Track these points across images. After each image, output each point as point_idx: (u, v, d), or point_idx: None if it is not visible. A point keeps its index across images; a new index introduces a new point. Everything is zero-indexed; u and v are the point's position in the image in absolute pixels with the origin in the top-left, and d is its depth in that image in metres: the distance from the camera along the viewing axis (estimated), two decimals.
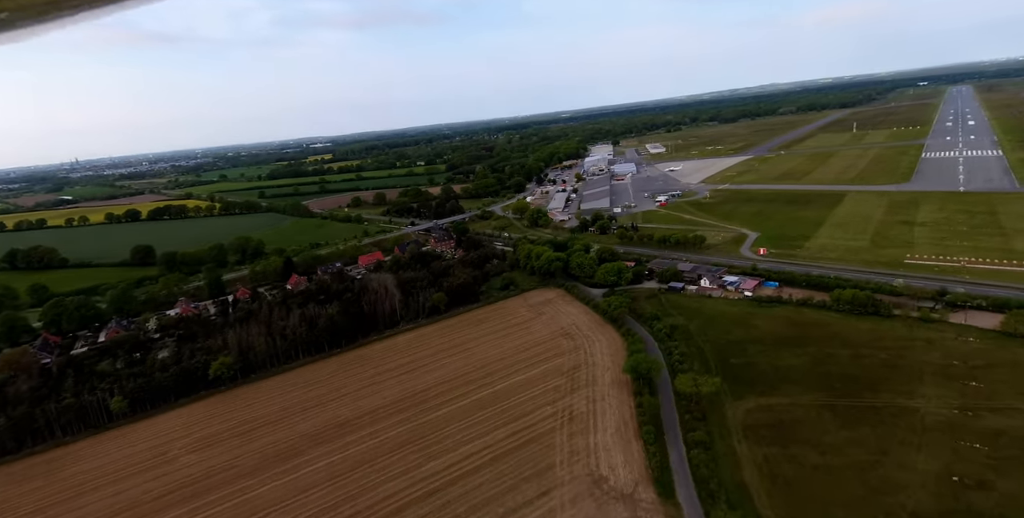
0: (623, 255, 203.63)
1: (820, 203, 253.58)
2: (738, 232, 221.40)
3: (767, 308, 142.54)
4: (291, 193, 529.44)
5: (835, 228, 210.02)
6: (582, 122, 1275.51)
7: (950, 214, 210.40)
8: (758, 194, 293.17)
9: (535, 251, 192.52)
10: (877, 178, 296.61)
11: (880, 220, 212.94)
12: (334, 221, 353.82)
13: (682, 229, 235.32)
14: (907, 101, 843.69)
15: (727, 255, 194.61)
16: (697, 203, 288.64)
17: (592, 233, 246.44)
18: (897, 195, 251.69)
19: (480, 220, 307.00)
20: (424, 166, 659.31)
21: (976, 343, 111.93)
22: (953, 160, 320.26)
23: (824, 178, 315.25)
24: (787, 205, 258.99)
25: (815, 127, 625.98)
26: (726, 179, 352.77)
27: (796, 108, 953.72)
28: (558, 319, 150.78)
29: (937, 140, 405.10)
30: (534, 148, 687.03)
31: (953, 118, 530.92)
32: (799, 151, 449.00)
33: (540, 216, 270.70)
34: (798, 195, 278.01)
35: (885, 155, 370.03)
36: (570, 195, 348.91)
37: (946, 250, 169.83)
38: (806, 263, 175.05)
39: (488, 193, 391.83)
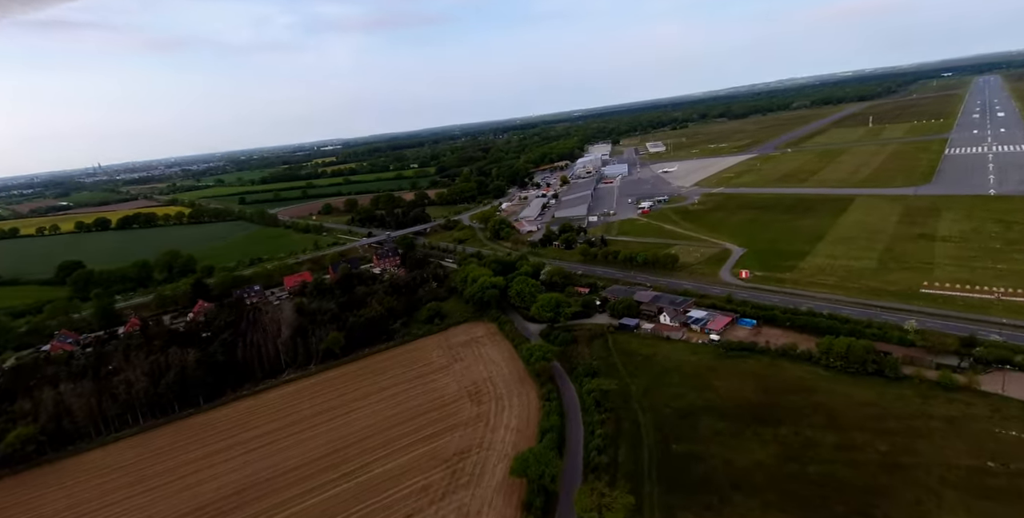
0: (579, 278, 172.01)
1: (823, 210, 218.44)
2: (722, 247, 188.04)
3: (736, 359, 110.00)
4: (271, 199, 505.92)
5: (837, 243, 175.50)
6: (589, 121, 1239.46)
7: (979, 225, 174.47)
8: (754, 199, 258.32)
9: (472, 274, 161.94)
10: (892, 179, 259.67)
11: (892, 233, 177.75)
12: (295, 231, 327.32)
13: (658, 244, 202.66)
14: (930, 93, 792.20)
15: (702, 279, 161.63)
16: (684, 210, 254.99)
17: (555, 248, 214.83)
18: (914, 200, 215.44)
19: (443, 231, 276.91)
20: (416, 169, 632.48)
21: (1019, 429, 78.65)
22: (981, 157, 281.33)
23: (832, 180, 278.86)
24: (785, 213, 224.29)
25: (828, 122, 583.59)
26: (722, 181, 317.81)
27: (810, 102, 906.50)
28: (475, 368, 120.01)
29: (962, 134, 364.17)
30: (532, 148, 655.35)
31: (980, 110, 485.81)
32: (808, 148, 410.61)
33: (502, 227, 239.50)
34: (799, 200, 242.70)
35: (903, 152, 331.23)
36: (549, 201, 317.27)
37: (975, 275, 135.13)
38: (796, 292, 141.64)
39: (465, 198, 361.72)
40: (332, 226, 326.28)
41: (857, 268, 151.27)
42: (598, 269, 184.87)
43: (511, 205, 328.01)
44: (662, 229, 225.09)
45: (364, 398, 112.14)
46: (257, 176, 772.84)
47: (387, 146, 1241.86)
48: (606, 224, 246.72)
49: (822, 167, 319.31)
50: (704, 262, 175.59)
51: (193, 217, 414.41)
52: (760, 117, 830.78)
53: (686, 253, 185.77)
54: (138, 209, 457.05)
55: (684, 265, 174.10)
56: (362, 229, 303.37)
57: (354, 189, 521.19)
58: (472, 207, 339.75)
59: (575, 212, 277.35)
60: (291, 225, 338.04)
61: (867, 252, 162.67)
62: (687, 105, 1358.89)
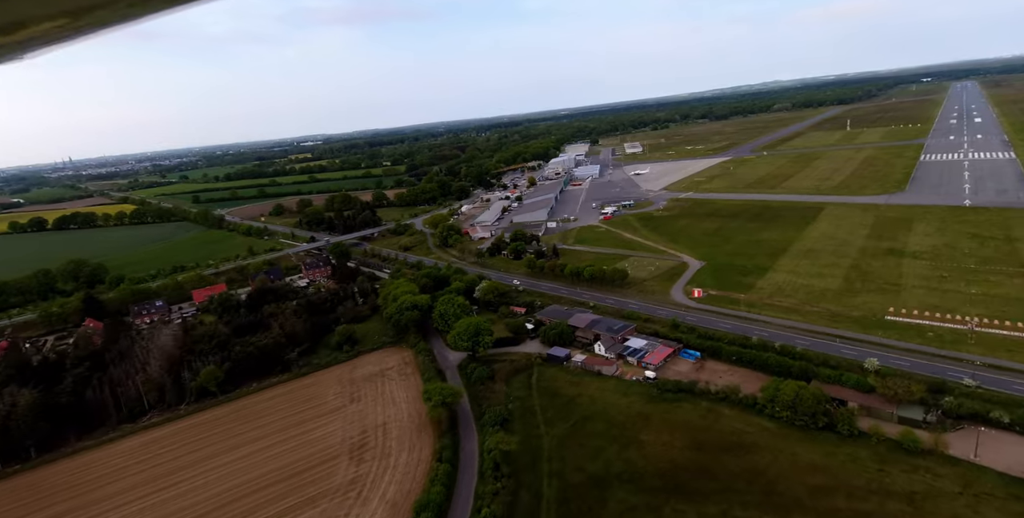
0: (519, 295, 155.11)
1: (790, 220, 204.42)
2: (678, 260, 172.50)
3: (671, 402, 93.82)
4: (228, 197, 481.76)
5: (801, 257, 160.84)
6: (573, 120, 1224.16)
7: (952, 239, 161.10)
8: (722, 206, 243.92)
9: (395, 291, 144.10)
10: (865, 186, 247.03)
11: (860, 247, 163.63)
12: (238, 234, 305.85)
13: (613, 255, 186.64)
14: (908, 97, 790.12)
15: (651, 298, 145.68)
16: (648, 217, 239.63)
17: (504, 258, 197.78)
18: (887, 210, 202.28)
19: (391, 236, 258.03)
20: (387, 167, 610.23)
21: (995, 513, 63.16)
22: (957, 164, 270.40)
23: (803, 186, 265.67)
24: (751, 222, 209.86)
25: (807, 125, 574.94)
26: (692, 185, 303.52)
27: (791, 105, 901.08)
28: (372, 411, 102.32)
29: (939, 140, 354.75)
30: (508, 147, 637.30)
31: (957, 115, 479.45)
32: (784, 151, 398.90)
33: (450, 234, 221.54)
34: (767, 208, 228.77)
35: (878, 157, 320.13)
36: (511, 204, 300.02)
37: (946, 300, 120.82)
38: (750, 316, 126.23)
39: (425, 200, 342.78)
40: (278, 229, 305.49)
41: (819, 288, 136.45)
42: (544, 284, 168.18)
43: (472, 208, 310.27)
44: (621, 238, 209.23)
45: (229, 451, 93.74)
46: (222, 172, 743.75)
47: (366, 142, 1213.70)
48: (564, 231, 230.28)
49: (795, 172, 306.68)
50: (657, 278, 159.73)
51: (136, 217, 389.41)
52: (741, 119, 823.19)
53: (639, 267, 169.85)
54: (77, 209, 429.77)
55: (635, 281, 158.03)
56: (308, 233, 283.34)
57: (317, 188, 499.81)
58: (432, 209, 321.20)
59: (534, 217, 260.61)
60: (234, 227, 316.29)
61: (831, 269, 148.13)
62: (671, 106, 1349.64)
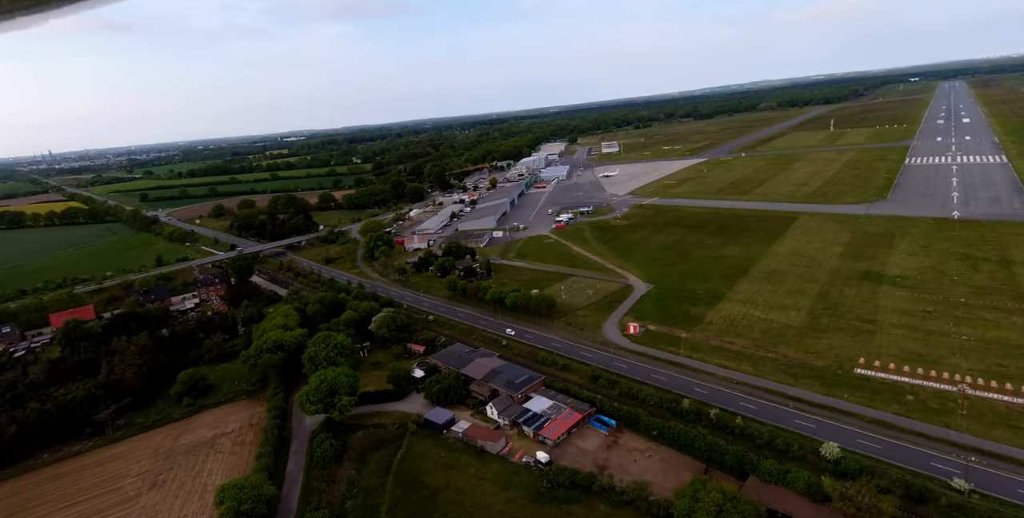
0: (425, 329, 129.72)
1: (758, 232, 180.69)
2: (623, 282, 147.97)
3: (560, 507, 68.88)
4: (177, 196, 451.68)
5: (763, 281, 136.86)
6: (556, 118, 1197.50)
7: (939, 260, 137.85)
8: (687, 214, 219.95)
9: (266, 324, 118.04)
10: (844, 193, 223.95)
11: (832, 269, 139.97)
12: (163, 239, 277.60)
13: (552, 274, 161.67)
14: (895, 97, 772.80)
15: (579, 334, 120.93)
16: (604, 226, 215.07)
17: (431, 275, 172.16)
18: (865, 222, 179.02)
19: (321, 245, 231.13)
20: (353, 165, 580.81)
21: None
22: (944, 168, 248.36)
23: (778, 192, 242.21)
24: (714, 234, 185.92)
25: (790, 125, 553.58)
26: (660, 190, 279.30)
27: (777, 104, 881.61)
28: (168, 508, 76.52)
29: (925, 141, 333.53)
30: (482, 145, 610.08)
31: (945, 115, 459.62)
32: (763, 153, 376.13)
33: (378, 245, 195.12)
34: (735, 218, 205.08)
35: (860, 160, 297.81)
36: (463, 209, 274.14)
37: (930, 346, 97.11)
38: (690, 364, 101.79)
39: (375, 202, 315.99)
40: (207, 233, 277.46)
41: (778, 325, 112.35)
42: (463, 310, 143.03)
43: (421, 212, 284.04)
44: (567, 252, 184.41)
45: None
46: (188, 168, 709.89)
47: (346, 139, 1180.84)
48: (507, 243, 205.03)
49: (771, 176, 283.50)
50: (594, 305, 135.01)
51: (67, 218, 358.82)
52: (726, 118, 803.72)
53: (576, 291, 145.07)
54: (8, 207, 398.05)
55: (566, 310, 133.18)
56: (236, 239, 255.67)
57: (276, 186, 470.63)
58: (380, 213, 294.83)
59: (481, 224, 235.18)
60: (159, 232, 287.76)
61: (796, 298, 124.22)
62: (658, 104, 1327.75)
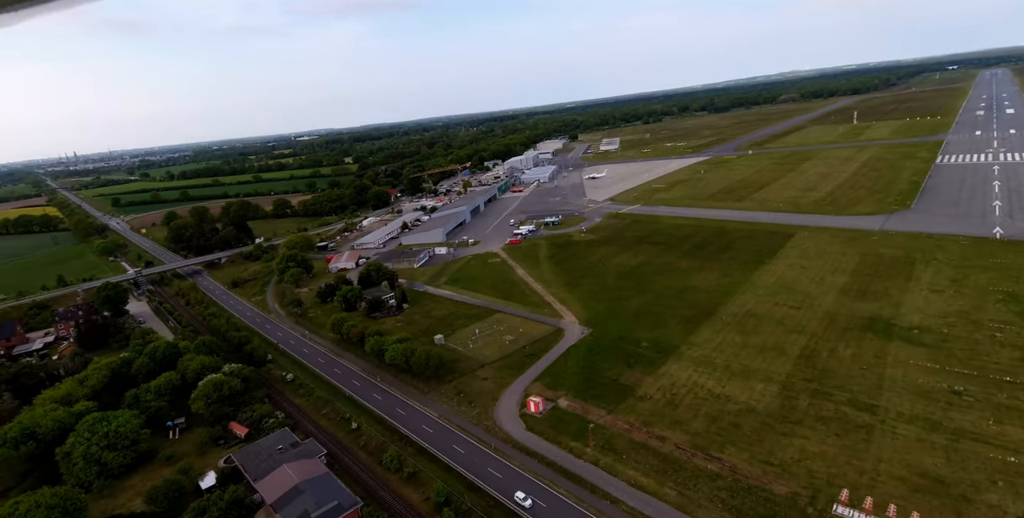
0: (281, 390, 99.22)
1: (742, 254, 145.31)
2: (555, 324, 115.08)
3: None
4: (149, 200, 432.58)
5: (732, 329, 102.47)
6: (566, 114, 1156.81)
7: (976, 302, 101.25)
8: (663, 227, 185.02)
9: (50, 393, 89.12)
10: (858, 201, 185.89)
11: (827, 312, 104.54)
12: (95, 253, 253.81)
13: (475, 309, 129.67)
14: (930, 86, 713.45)
15: (463, 412, 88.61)
16: (565, 241, 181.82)
17: (335, 305, 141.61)
18: (880, 242, 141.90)
19: (244, 262, 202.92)
20: (338, 166, 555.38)
21: None
22: (983, 169, 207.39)
23: (778, 199, 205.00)
24: (689, 255, 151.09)
25: (809, 118, 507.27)
26: (645, 195, 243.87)
27: (800, 95, 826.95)
28: None
29: (961, 136, 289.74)
30: (475, 143, 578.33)
31: (986, 106, 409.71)
32: (773, 150, 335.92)
33: (289, 266, 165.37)
34: (720, 232, 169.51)
35: (883, 158, 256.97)
36: (420, 218, 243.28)
37: (959, 466, 62.12)
38: (594, 471, 68.87)
39: (332, 209, 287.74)
40: (147, 245, 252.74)
41: (735, 407, 78.45)
42: (343, 362, 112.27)
43: (375, 221, 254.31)
44: (508, 277, 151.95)
45: None
46: (179, 171, 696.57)
47: (350, 137, 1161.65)
48: (445, 263, 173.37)
49: (776, 178, 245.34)
50: (504, 361, 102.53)
51: (21, 225, 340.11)
52: (743, 111, 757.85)
53: (492, 336, 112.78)
54: None
55: (466, 366, 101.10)
56: (167, 252, 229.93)
57: (254, 189, 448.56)
58: (334, 221, 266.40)
59: (427, 238, 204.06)
60: (94, 244, 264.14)
61: (770, 359, 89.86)
62: (679, 98, 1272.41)
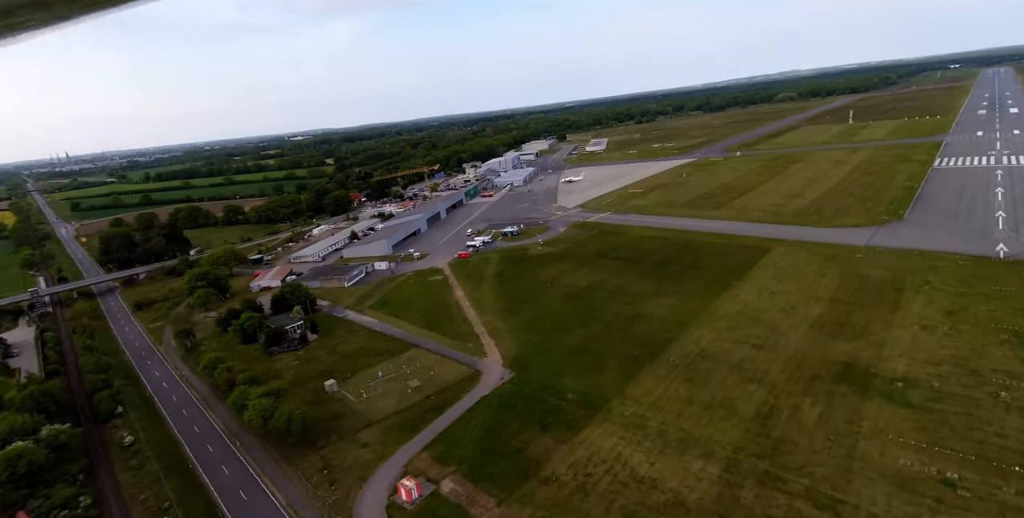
0: (115, 460, 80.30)
1: (708, 273, 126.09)
2: (473, 366, 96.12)
3: None
4: (109, 205, 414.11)
5: (677, 376, 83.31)
6: (564, 113, 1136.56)
7: (974, 342, 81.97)
8: (629, 240, 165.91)
9: None
10: (845, 210, 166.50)
11: (793, 354, 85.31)
12: (17, 265, 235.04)
13: (394, 341, 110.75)
14: (931, 85, 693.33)
15: (321, 497, 69.85)
16: (518, 256, 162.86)
17: (234, 337, 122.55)
18: (866, 260, 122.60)
19: (166, 278, 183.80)
20: (314, 168, 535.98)
21: None
22: (985, 174, 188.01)
23: (759, 206, 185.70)
24: (648, 274, 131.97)
25: (804, 117, 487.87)
26: (620, 201, 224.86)
27: (797, 94, 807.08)
28: None
29: (962, 137, 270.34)
30: (472, 143, 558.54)
31: (988, 105, 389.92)
32: (762, 151, 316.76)
33: (198, 285, 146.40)
34: (688, 247, 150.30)
35: (877, 161, 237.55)
36: (372, 228, 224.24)
37: None
38: None
39: (285, 216, 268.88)
40: (79, 255, 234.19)
41: (663, 499, 59.40)
42: (209, 417, 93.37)
43: (325, 230, 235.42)
44: (443, 300, 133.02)
45: None
46: (156, 173, 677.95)
47: (341, 137, 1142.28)
48: (380, 281, 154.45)
49: (760, 183, 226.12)
50: (397, 417, 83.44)
51: None
52: (739, 110, 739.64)
53: (396, 381, 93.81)
54: None
55: (350, 425, 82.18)
56: (93, 265, 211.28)
57: (215, 193, 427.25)
58: (284, 229, 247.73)
59: (371, 251, 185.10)
60: None
61: (715, 422, 70.76)
62: (677, 97, 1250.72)
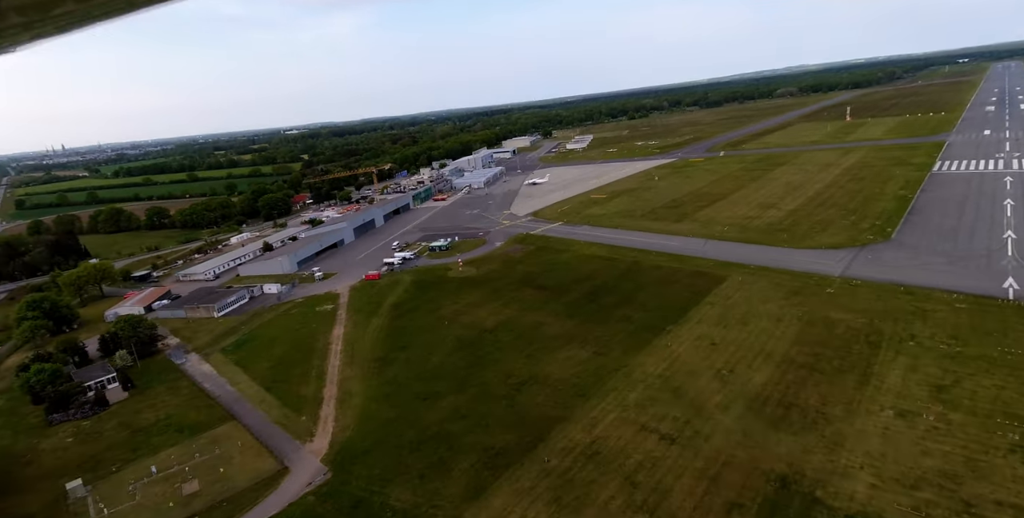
0: None
1: (644, 311, 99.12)
2: (279, 464, 70.06)
3: None
4: (56, 203, 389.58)
5: (543, 496, 56.95)
6: (557, 108, 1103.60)
7: (971, 455, 54.93)
8: (566, 259, 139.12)
9: None
10: (823, 226, 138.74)
11: (715, 456, 58.49)
12: None
13: (207, 408, 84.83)
14: (937, 79, 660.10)
15: None
16: (433, 279, 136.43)
17: (20, 393, 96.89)
18: (836, 300, 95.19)
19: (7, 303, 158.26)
20: (281, 165, 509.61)
21: None
22: (991, 181, 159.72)
23: (726, 218, 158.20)
24: (570, 310, 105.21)
25: (800, 114, 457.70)
26: (577, 208, 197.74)
27: (798, 89, 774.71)
28: None
29: (966, 136, 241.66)
30: (451, 139, 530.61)
31: (997, 100, 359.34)
32: (747, 151, 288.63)
33: (26, 317, 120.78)
34: (631, 272, 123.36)
35: (869, 165, 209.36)
36: (294, 237, 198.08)
37: None
38: None
39: (212, 220, 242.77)
40: None
41: None
42: None
43: (246, 239, 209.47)
44: (311, 342, 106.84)
45: None
46: (127, 168, 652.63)
47: (330, 132, 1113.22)
48: (256, 311, 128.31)
49: (736, 188, 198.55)
50: None
51: None
52: (736, 106, 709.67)
53: (163, 487, 67.84)
54: None
55: None
56: None
57: (187, 189, 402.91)
58: (206, 236, 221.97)
59: (270, 268, 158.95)
60: None
61: None
62: (680, 92, 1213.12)
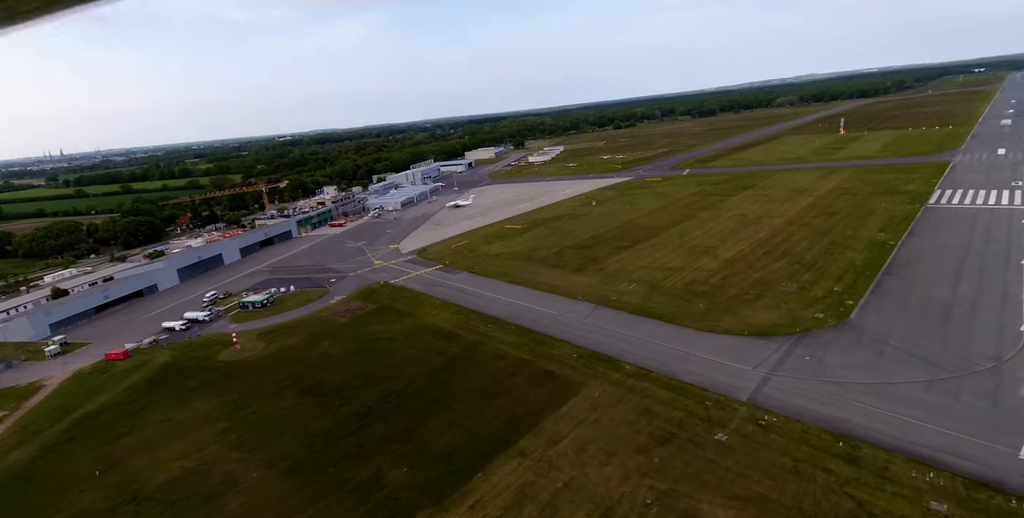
0: None
1: (424, 456, 56.37)
2: None
3: None
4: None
5: None
6: (545, 117, 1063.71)
7: None
8: (400, 331, 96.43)
9: None
10: (760, 290, 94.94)
11: None
12: None
13: None
14: (950, 89, 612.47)
15: None
16: (193, 362, 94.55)
17: None
18: (724, 463, 50.97)
19: None
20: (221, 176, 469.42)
21: None
22: (1004, 221, 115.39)
23: (638, 271, 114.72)
24: (334, 440, 62.32)
25: (791, 125, 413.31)
26: (475, 245, 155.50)
27: (798, 98, 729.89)
28: None
29: (975, 155, 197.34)
30: (402, 151, 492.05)
31: (1014, 113, 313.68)
32: (715, 170, 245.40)
33: None
34: (458, 367, 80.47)
35: (850, 191, 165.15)
36: (111, 277, 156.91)
37: None
38: None
39: (57, 248, 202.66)
40: None
41: None
42: None
43: (73, 275, 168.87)
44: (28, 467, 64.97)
45: None
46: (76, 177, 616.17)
47: (312, 140, 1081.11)
48: None
49: (678, 221, 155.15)
50: None
51: None
52: (731, 115, 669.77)
53: None
54: None
55: None
56: None
57: (80, 206, 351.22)
58: (39, 268, 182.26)
59: (12, 331, 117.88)
60: None
61: None
62: (682, 100, 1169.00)
